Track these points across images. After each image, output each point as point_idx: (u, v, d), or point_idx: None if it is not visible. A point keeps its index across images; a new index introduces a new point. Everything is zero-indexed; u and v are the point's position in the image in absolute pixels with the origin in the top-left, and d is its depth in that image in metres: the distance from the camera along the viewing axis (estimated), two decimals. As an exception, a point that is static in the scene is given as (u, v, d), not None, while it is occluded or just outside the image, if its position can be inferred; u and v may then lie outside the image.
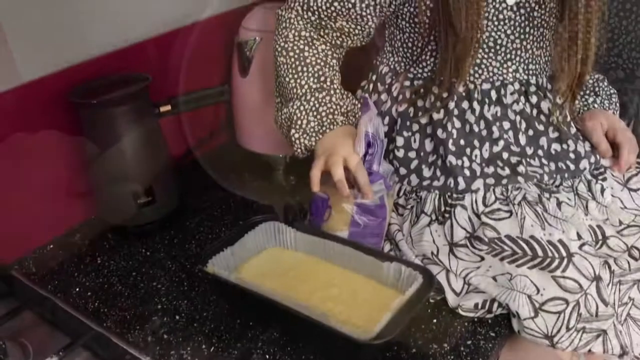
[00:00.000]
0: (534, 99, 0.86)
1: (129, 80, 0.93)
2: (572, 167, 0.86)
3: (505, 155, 0.84)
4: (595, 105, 0.95)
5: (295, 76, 0.87)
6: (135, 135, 0.91)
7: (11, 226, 0.88)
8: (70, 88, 0.90)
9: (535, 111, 0.86)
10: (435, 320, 0.80)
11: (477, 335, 0.78)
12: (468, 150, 0.84)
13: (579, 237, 0.77)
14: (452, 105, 0.84)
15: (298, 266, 0.81)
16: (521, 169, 0.83)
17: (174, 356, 0.74)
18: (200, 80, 1.05)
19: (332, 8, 0.86)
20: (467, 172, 0.83)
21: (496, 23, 0.82)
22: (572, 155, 0.87)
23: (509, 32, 0.82)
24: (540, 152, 0.86)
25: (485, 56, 0.83)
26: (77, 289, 0.86)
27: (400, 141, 0.86)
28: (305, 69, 0.88)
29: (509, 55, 0.84)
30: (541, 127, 0.87)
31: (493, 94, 0.84)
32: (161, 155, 0.97)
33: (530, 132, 0.86)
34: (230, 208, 1.01)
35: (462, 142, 0.84)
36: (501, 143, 0.84)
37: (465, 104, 0.84)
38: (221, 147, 1.17)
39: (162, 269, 0.89)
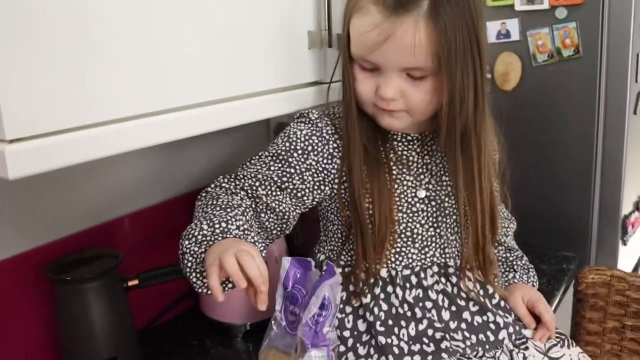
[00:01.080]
0: (453, 279, 0.95)
1: (101, 256, 1.03)
2: (491, 337, 0.94)
3: (430, 332, 0.91)
4: (515, 280, 1.05)
5: (202, 208, 0.85)
6: (104, 308, 1.00)
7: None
8: (45, 264, 0.99)
9: (456, 289, 0.95)
10: None
11: None
12: (396, 330, 0.91)
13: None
14: (377, 290, 0.92)
15: None
16: (445, 344, 0.90)
17: None
18: (167, 257, 1.15)
19: (258, 177, 0.88)
20: (396, 350, 0.90)
21: (410, 215, 0.92)
22: (492, 326, 0.94)
23: (422, 222, 0.93)
24: (463, 325, 0.94)
25: (404, 245, 0.93)
26: None
27: (336, 322, 0.93)
28: (213, 202, 0.85)
29: (425, 242, 0.94)
30: (462, 303, 0.95)
31: (413, 279, 0.93)
32: (126, 325, 1.05)
33: (453, 308, 0.94)
34: (191, 376, 1.07)
35: (390, 322, 0.91)
36: (425, 322, 0.91)
37: (390, 288, 0.93)
38: (184, 314, 1.24)
39: None
